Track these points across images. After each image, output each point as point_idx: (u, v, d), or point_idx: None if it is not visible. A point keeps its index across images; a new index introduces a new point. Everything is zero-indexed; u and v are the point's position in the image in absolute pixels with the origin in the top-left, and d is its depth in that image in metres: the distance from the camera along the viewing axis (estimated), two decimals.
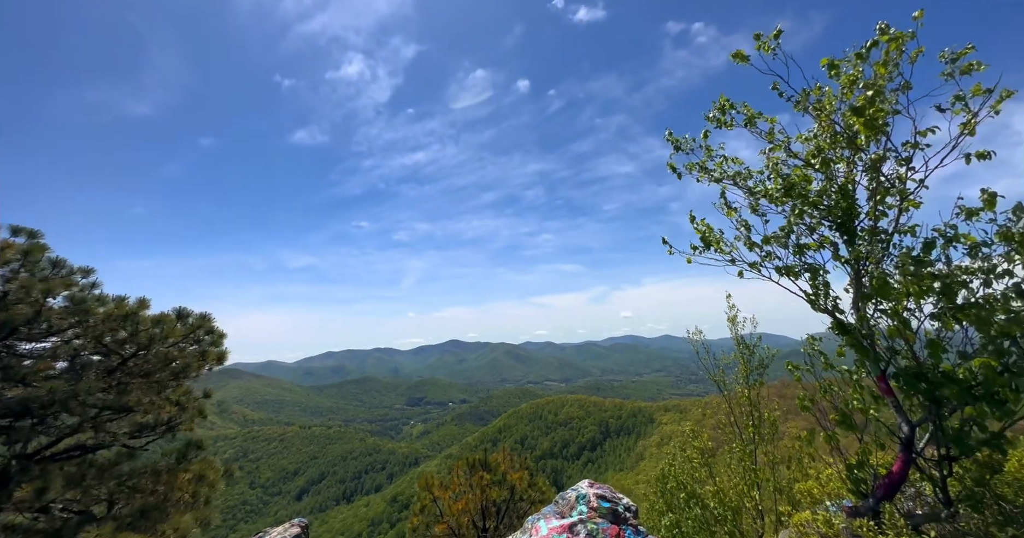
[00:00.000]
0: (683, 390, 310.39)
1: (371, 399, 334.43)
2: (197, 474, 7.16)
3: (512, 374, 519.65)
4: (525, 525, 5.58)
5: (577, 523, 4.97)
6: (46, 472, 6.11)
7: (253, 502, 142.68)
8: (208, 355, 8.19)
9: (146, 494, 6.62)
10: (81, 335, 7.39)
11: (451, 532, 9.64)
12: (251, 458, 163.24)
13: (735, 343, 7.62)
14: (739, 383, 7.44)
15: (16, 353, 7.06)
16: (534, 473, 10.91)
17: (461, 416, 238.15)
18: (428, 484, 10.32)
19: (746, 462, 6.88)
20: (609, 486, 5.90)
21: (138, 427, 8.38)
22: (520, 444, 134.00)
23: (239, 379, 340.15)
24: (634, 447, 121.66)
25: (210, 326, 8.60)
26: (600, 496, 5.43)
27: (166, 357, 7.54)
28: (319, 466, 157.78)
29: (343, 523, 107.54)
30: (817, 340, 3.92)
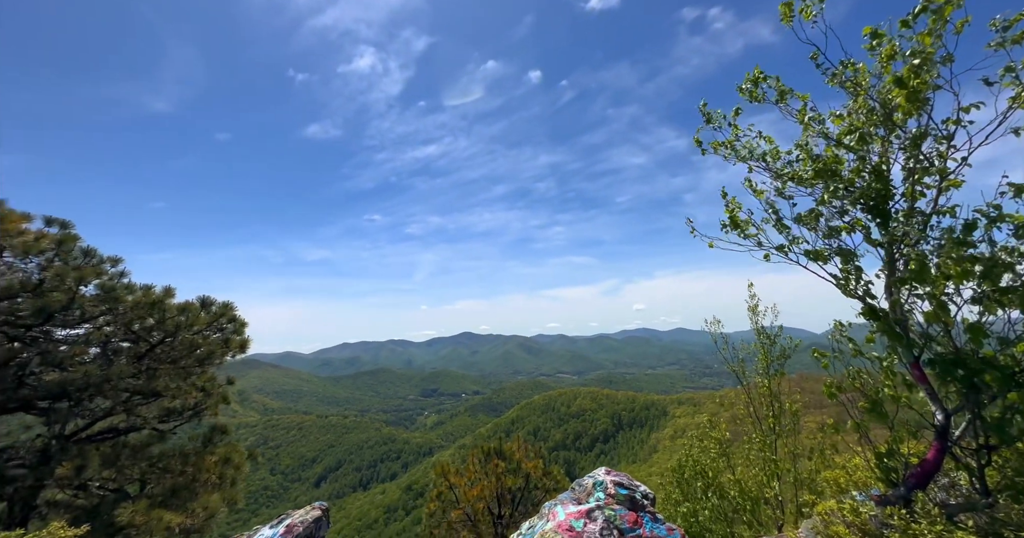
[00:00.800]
0: (697, 383, 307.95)
1: (386, 390, 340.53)
2: (223, 457, 7.41)
3: (524, 366, 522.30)
4: (542, 510, 5.62)
5: (595, 509, 4.98)
6: (83, 452, 6.39)
7: (274, 488, 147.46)
8: (231, 343, 8.40)
9: (176, 475, 6.88)
10: (112, 322, 7.65)
11: (467, 518, 9.80)
12: (271, 445, 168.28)
13: (755, 333, 7.47)
14: (759, 374, 7.30)
15: (53, 339, 7.35)
16: (548, 462, 10.97)
17: (474, 407, 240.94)
18: (444, 471, 10.48)
19: (766, 453, 6.79)
20: (626, 474, 5.90)
21: (167, 411, 8.69)
22: (533, 435, 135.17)
23: (258, 369, 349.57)
24: (647, 440, 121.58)
25: (232, 314, 8.82)
26: (618, 483, 5.43)
27: (191, 344, 7.77)
28: (336, 454, 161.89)
29: (360, 509, 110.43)
30: (845, 327, 3.81)
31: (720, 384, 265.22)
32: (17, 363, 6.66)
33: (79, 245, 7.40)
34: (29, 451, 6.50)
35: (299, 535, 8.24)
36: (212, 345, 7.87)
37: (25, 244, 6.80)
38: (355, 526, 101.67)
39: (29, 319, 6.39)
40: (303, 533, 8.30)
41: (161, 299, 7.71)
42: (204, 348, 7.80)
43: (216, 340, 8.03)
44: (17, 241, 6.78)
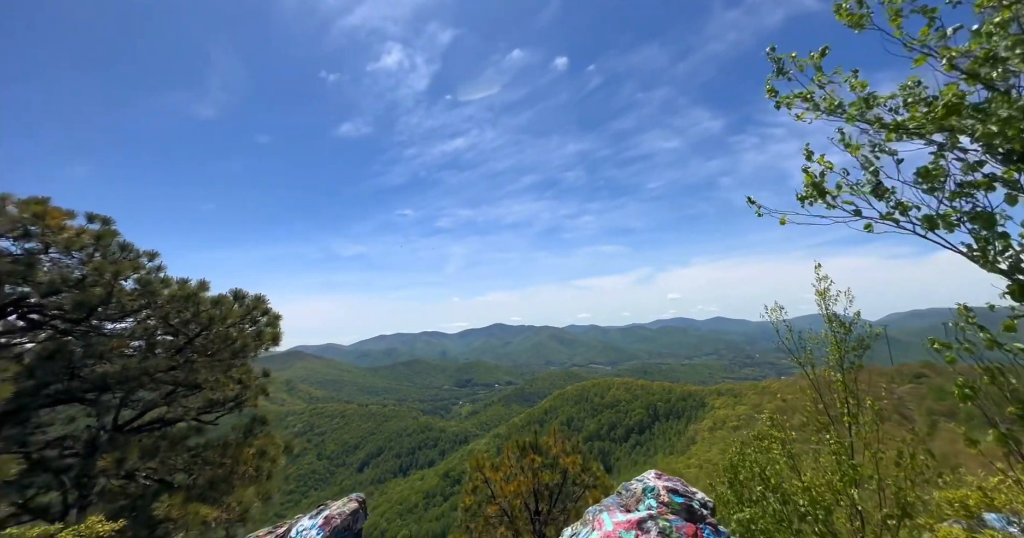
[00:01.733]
0: (737, 374, 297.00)
1: (421, 380, 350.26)
2: (259, 449, 7.40)
3: (557, 357, 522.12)
4: (585, 516, 5.15)
5: (646, 519, 4.45)
6: (125, 443, 6.49)
7: (320, 472, 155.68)
8: (264, 336, 8.37)
9: (216, 466, 6.92)
10: (152, 316, 7.74)
11: (503, 513, 9.49)
12: (317, 432, 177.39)
13: (825, 320, 6.56)
14: (831, 367, 6.42)
15: (102, 333, 7.49)
16: (587, 457, 10.47)
17: (507, 397, 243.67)
18: (479, 465, 10.21)
19: (843, 456, 5.96)
20: (680, 479, 5.30)
21: (210, 403, 8.82)
22: (567, 425, 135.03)
23: (302, 360, 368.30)
24: (685, 431, 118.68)
25: (265, 307, 8.78)
26: (671, 489, 4.86)
27: (226, 337, 7.77)
28: (377, 441, 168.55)
29: (400, 494, 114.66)
30: (969, 313, 3.02)
31: (762, 375, 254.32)
32: (65, 356, 6.81)
33: (117, 240, 7.49)
34: (79, 441, 6.66)
35: (336, 527, 8.17)
36: (246, 338, 7.86)
37: (67, 240, 6.91)
38: (396, 510, 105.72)
39: (72, 313, 6.50)
40: (340, 525, 8.22)
41: (196, 292, 7.72)
42: (239, 341, 7.79)
43: (250, 333, 8.01)
44: (60, 238, 6.90)
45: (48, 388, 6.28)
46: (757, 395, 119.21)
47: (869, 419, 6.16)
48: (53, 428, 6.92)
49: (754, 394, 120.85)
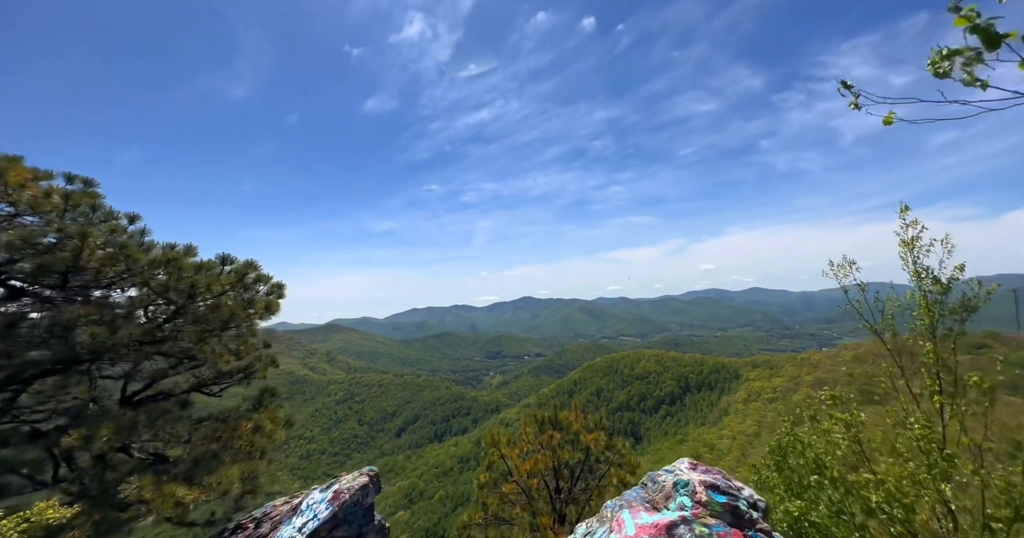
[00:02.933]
0: (774, 346, 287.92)
1: (453, 352, 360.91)
2: (256, 424, 6.92)
3: (586, 330, 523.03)
4: (603, 512, 4.25)
5: (679, 523, 3.48)
6: (119, 415, 6.10)
7: (362, 436, 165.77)
8: (255, 304, 7.75)
9: (209, 442, 6.51)
10: (137, 284, 7.22)
11: (520, 490, 8.85)
12: (356, 400, 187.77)
13: (912, 276, 5.15)
14: (920, 334, 5.07)
15: (91, 301, 7.03)
16: (612, 434, 9.59)
17: (537, 369, 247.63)
18: (495, 440, 9.54)
19: (930, 444, 4.73)
20: (721, 470, 4.27)
21: (217, 375, 8.44)
22: (596, 396, 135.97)
23: (340, 333, 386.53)
24: (717, 402, 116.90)
25: (258, 273, 8.14)
26: (710, 485, 3.85)
27: (214, 305, 7.19)
28: (413, 409, 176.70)
29: (436, 458, 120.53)
30: None
31: (801, 346, 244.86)
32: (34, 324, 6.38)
33: (90, 201, 6.88)
34: (68, 413, 6.32)
35: (345, 502, 7.71)
36: (235, 307, 7.25)
37: (33, 199, 6.33)
38: (433, 473, 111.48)
39: (38, 278, 6.00)
40: (349, 500, 7.75)
41: (177, 257, 7.10)
42: (226, 309, 7.19)
43: (239, 302, 7.40)
44: (25, 195, 6.33)
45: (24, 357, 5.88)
46: (795, 367, 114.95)
47: (971, 399, 4.83)
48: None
49: (792, 366, 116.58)
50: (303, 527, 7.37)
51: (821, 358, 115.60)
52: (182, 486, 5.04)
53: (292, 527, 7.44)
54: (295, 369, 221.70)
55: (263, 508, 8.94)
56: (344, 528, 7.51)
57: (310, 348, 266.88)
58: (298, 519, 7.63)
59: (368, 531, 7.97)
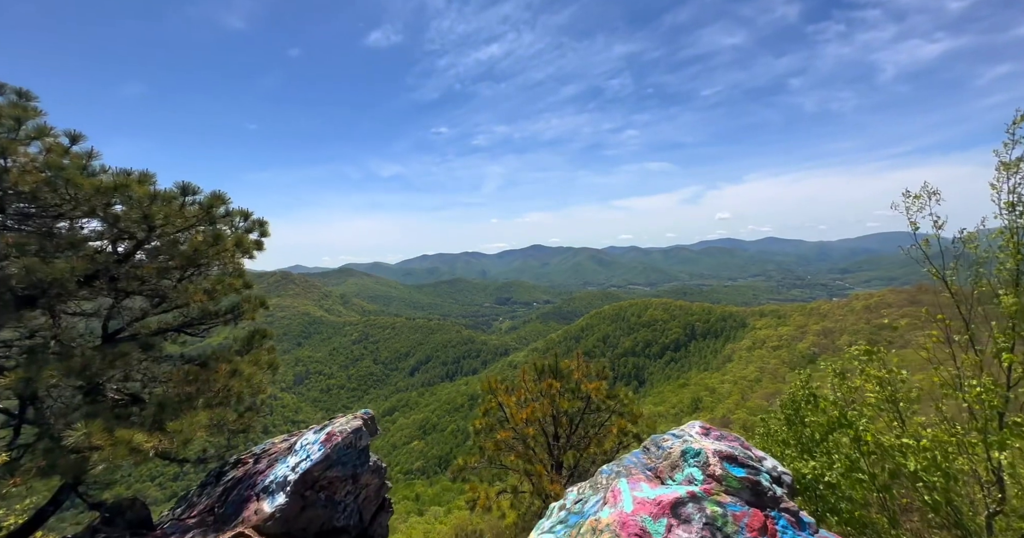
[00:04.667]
0: (784, 295, 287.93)
1: (463, 298, 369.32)
2: (234, 367, 6.49)
3: (595, 278, 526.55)
4: (598, 477, 3.70)
5: (686, 501, 2.88)
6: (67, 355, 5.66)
7: (377, 374, 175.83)
8: (223, 239, 6.99)
9: (183, 385, 6.14)
10: (87, 214, 6.45)
11: (516, 436, 8.62)
12: (371, 340, 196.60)
13: (1004, 207, 4.07)
14: (1002, 282, 4.11)
15: (22, 229, 6.30)
16: (613, 383, 9.15)
17: (545, 315, 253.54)
18: (492, 388, 9.20)
19: (991, 408, 3.98)
20: (737, 436, 3.60)
21: (202, 315, 7.98)
22: (602, 342, 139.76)
23: (353, 276, 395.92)
24: (721, 349, 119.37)
25: (227, 207, 7.29)
26: (726, 456, 3.20)
27: (173, 241, 6.46)
28: (425, 350, 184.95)
29: (448, 396, 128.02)
30: None
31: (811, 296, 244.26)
32: None
33: (15, 114, 5.90)
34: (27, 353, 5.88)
35: (338, 444, 7.48)
36: (198, 243, 6.51)
37: None
38: (445, 408, 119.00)
39: None
40: (342, 442, 7.53)
41: (128, 184, 6.23)
42: (188, 245, 6.46)
43: (204, 238, 6.64)
44: None
45: None
46: (803, 317, 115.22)
47: None
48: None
49: (800, 316, 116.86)
50: (296, 466, 7.22)
51: (830, 308, 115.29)
52: (140, 432, 4.66)
53: (287, 466, 7.30)
54: (311, 310, 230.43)
55: (263, 444, 8.92)
56: (338, 469, 7.36)
57: (325, 291, 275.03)
58: (292, 458, 7.48)
59: (363, 472, 7.86)
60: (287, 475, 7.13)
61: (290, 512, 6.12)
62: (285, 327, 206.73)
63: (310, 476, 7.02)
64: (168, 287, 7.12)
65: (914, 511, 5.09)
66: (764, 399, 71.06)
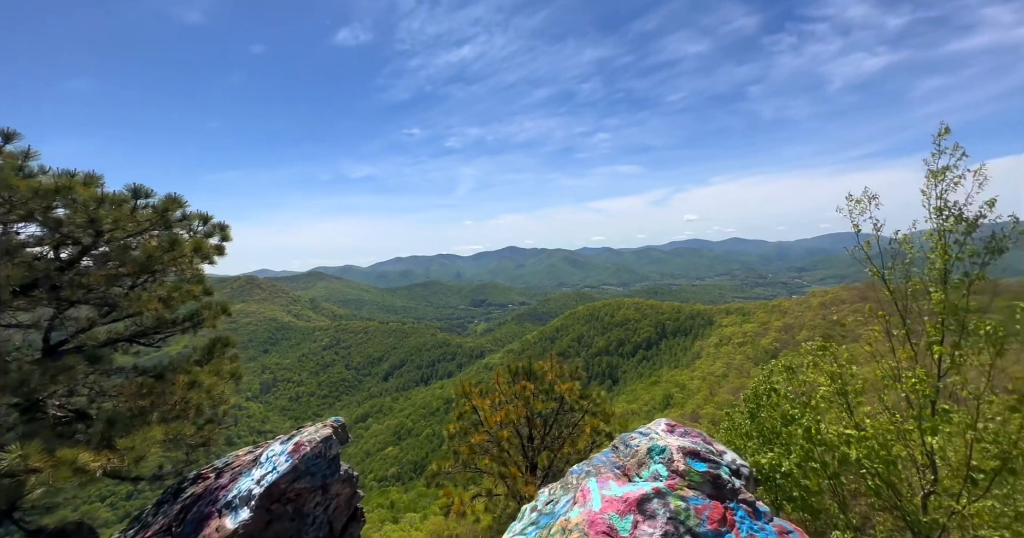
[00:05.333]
0: (748, 294, 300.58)
1: (438, 300, 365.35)
2: (193, 378, 6.18)
3: (569, 279, 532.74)
4: (568, 477, 3.77)
5: (652, 497, 2.98)
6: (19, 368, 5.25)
7: (349, 380, 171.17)
8: (179, 244, 6.67)
9: (136, 398, 5.79)
10: (24, 218, 6.02)
11: (491, 439, 8.62)
12: (343, 345, 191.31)
13: (933, 212, 4.43)
14: (930, 280, 4.47)
15: None
16: (587, 383, 9.30)
17: (521, 316, 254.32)
18: (466, 391, 9.16)
19: (924, 398, 4.33)
20: (700, 432, 3.76)
21: (157, 323, 7.56)
22: (577, 342, 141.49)
23: (323, 280, 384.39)
24: (691, 347, 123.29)
25: (184, 210, 6.97)
26: (689, 451, 3.33)
27: (124, 246, 6.11)
28: (399, 354, 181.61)
29: (423, 400, 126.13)
30: None
31: (773, 294, 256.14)
32: None
33: None
34: None
35: (306, 454, 7.25)
36: (152, 249, 6.17)
37: None
38: (420, 413, 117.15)
39: None
40: (310, 452, 7.30)
41: (71, 186, 5.85)
42: (140, 251, 6.12)
43: (159, 243, 6.31)
44: None
45: None
46: (766, 314, 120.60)
47: (975, 350, 4.35)
48: None
49: (763, 313, 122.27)
50: (262, 479, 6.95)
51: (790, 305, 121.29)
52: (86, 450, 4.37)
53: (251, 479, 7.03)
54: (278, 316, 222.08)
55: (225, 458, 8.53)
56: (307, 480, 7.15)
57: (293, 296, 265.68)
58: (257, 471, 7.21)
59: (333, 481, 7.65)
60: (252, 489, 6.86)
61: (254, 527, 5.89)
62: (251, 334, 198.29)
63: (276, 489, 6.79)
64: (119, 295, 6.74)
65: (862, 496, 5.44)
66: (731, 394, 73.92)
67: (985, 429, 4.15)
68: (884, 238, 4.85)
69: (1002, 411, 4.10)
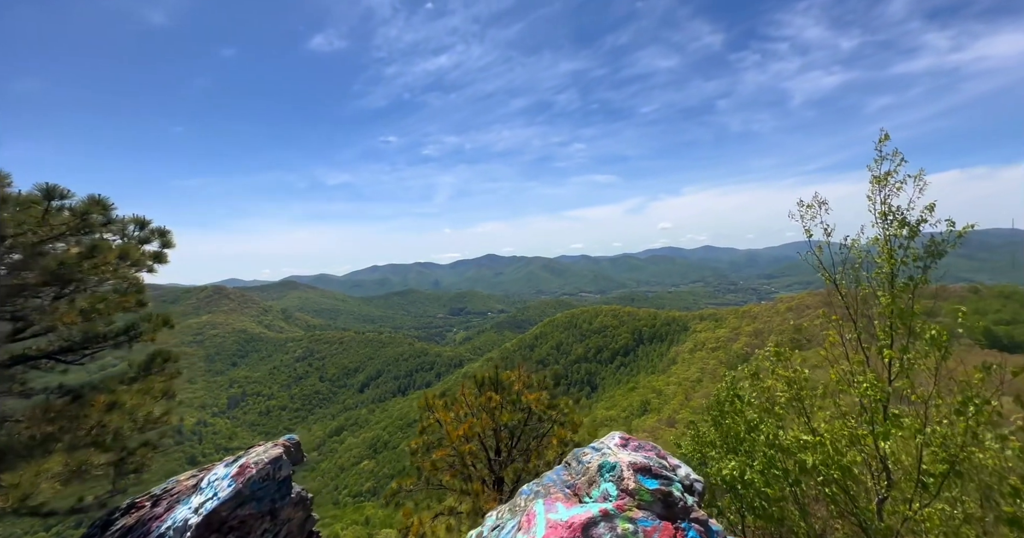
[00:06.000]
0: (721, 300, 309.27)
1: (416, 309, 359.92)
2: (112, 401, 5.61)
3: (548, 286, 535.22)
4: (517, 499, 3.53)
5: (598, 521, 2.77)
6: None
7: (324, 392, 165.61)
8: (101, 249, 6.12)
9: (40, 424, 5.20)
10: None
11: (454, 454, 8.28)
12: (317, 357, 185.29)
13: (878, 217, 4.50)
14: (878, 285, 4.52)
15: None
16: (555, 394, 9.10)
17: (500, 324, 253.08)
18: (429, 404, 8.80)
19: (876, 402, 4.33)
20: (655, 445, 3.60)
21: (85, 339, 6.92)
22: (556, 350, 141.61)
23: (297, 290, 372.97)
24: (667, 353, 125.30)
25: (108, 215, 6.44)
26: (641, 468, 3.16)
27: (35, 253, 5.56)
28: (375, 365, 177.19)
29: (400, 411, 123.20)
30: None
31: (744, 300, 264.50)
32: None
33: None
34: None
35: (252, 477, 6.72)
36: (69, 257, 5.63)
37: None
38: (397, 425, 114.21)
39: None
40: (256, 475, 6.77)
41: None
42: (51, 258, 5.58)
43: (77, 250, 5.78)
44: None
45: None
46: (737, 319, 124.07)
47: (922, 352, 4.39)
48: None
49: (734, 318, 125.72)
50: (200, 507, 6.40)
51: (760, 310, 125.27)
52: None
53: (189, 508, 6.46)
54: (248, 327, 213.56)
55: (165, 483, 7.87)
56: (252, 505, 6.62)
57: (264, 306, 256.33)
58: (196, 497, 6.64)
59: (283, 505, 7.13)
60: (188, 518, 6.31)
61: None
62: (218, 346, 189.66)
63: (216, 517, 6.26)
64: (34, 308, 6.13)
65: (821, 501, 5.42)
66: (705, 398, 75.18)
67: (933, 433, 4.16)
68: (835, 244, 4.90)
69: (949, 414, 4.13)
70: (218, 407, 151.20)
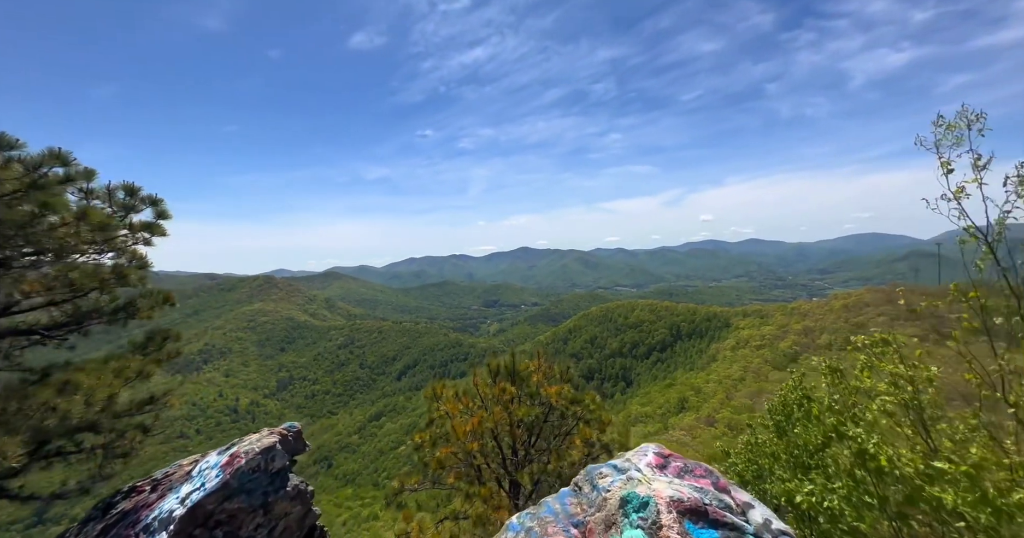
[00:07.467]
0: (766, 296, 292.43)
1: (451, 301, 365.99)
2: (64, 379, 5.03)
3: (582, 280, 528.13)
4: (504, 536, 2.46)
5: None
6: None
7: (364, 379, 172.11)
8: (91, 216, 5.53)
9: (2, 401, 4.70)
10: None
11: (460, 452, 7.30)
12: (358, 345, 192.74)
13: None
14: None
15: None
16: (579, 386, 7.91)
17: (533, 317, 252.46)
18: (436, 394, 7.87)
19: None
20: (709, 469, 2.38)
21: (76, 314, 6.50)
22: (590, 344, 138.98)
23: (339, 280, 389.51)
24: (706, 349, 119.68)
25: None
26: (689, 508, 1.97)
27: None
28: (412, 354, 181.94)
29: None
30: None
31: (793, 296, 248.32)
32: None
33: None
34: None
35: (240, 468, 6.05)
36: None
37: None
38: None
39: None
40: (246, 466, 6.08)
41: None
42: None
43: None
44: None
45: None
46: (784, 316, 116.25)
47: None
48: None
49: (781, 315, 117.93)
50: (187, 497, 5.79)
51: (810, 307, 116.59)
52: None
53: (177, 497, 5.88)
54: (295, 315, 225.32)
55: (168, 467, 7.45)
56: (241, 498, 5.95)
57: (309, 295, 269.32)
58: (186, 486, 6.06)
59: (278, 499, 6.43)
60: (174, 509, 5.71)
61: None
62: (268, 332, 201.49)
63: (202, 510, 5.61)
64: None
65: None
66: (748, 398, 70.94)
67: None
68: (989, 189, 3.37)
69: None
70: (268, 389, 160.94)
